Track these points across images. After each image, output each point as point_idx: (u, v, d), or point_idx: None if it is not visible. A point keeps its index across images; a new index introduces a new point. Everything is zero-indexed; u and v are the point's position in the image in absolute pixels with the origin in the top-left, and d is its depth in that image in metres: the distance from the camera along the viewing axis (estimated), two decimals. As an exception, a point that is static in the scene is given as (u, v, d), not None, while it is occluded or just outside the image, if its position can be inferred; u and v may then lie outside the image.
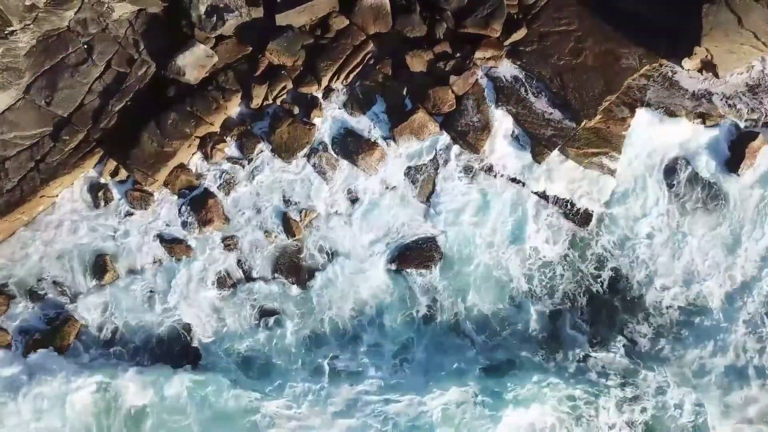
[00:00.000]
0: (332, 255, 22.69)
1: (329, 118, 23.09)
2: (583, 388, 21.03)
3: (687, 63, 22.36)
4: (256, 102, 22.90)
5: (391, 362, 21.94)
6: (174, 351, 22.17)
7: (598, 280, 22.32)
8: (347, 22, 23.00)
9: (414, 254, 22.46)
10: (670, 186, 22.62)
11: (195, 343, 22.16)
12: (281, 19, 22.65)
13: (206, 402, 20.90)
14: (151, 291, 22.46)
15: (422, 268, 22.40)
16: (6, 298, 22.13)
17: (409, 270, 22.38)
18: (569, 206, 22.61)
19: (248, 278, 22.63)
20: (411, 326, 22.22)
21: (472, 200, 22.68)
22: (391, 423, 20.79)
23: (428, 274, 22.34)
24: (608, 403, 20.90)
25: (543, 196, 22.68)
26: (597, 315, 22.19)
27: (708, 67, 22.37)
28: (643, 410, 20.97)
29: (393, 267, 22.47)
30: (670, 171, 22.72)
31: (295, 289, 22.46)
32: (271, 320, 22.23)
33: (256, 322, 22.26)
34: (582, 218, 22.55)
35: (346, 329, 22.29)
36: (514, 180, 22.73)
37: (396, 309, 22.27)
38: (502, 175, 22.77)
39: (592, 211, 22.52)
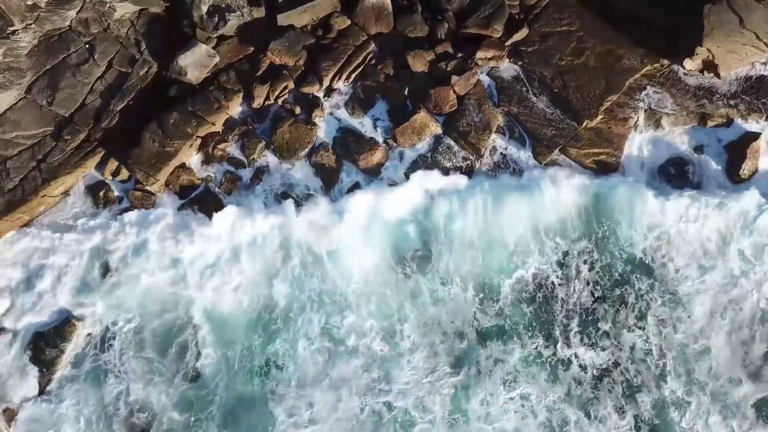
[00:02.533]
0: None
1: (331, 118, 23.09)
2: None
3: (688, 63, 22.38)
4: (257, 102, 22.90)
5: None
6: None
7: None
8: (349, 22, 23.02)
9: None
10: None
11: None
12: (283, 19, 22.66)
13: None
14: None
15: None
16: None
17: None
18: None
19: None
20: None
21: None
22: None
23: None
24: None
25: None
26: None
27: (709, 67, 22.38)
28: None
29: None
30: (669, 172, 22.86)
31: None
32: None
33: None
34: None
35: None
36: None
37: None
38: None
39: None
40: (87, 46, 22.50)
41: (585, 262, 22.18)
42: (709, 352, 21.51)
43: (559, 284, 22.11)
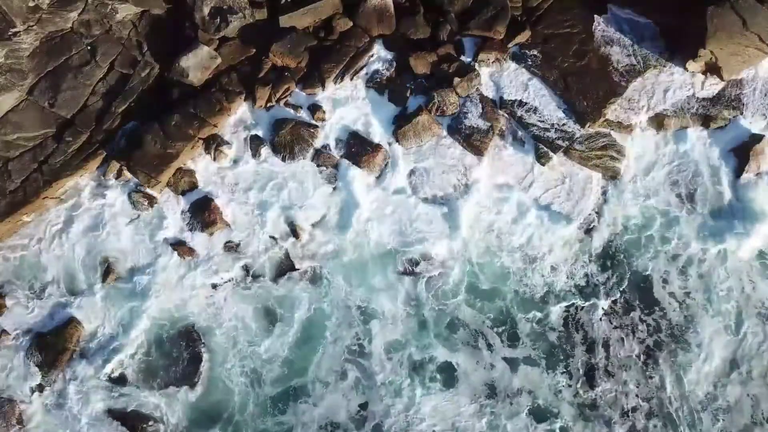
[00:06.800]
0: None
1: (333, 120, 23.04)
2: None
3: (691, 65, 22.33)
4: (259, 104, 22.88)
5: None
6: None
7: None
8: (351, 23, 22.98)
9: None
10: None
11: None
12: (285, 21, 22.64)
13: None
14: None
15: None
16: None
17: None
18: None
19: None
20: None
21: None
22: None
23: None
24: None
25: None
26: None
27: (712, 69, 22.32)
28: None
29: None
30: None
31: None
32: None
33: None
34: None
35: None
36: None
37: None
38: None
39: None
40: (89, 47, 22.50)
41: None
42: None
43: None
